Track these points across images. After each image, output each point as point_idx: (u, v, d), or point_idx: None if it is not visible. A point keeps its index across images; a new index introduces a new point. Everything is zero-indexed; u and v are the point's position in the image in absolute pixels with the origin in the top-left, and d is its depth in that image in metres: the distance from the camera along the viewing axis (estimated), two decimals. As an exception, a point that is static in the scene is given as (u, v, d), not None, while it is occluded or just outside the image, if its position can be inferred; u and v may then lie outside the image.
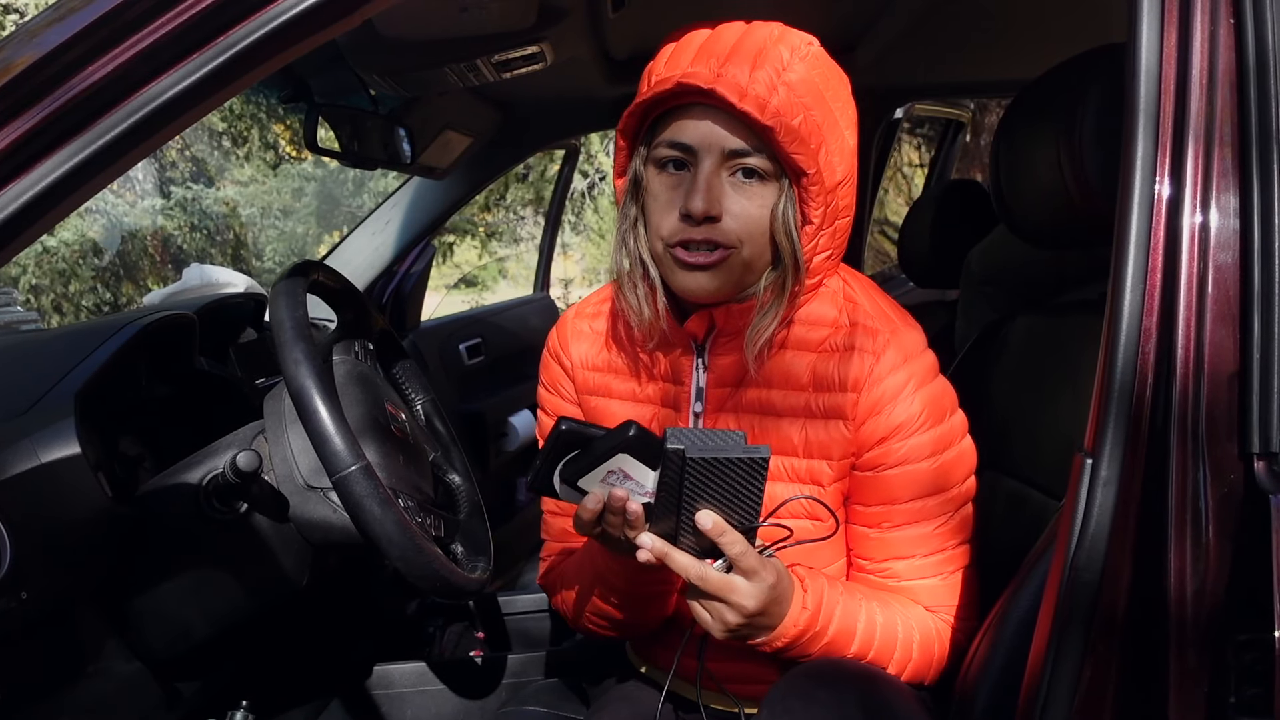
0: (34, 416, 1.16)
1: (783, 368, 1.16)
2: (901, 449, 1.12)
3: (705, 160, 1.07)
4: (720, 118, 1.05)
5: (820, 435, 1.14)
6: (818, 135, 1.06)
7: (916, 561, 1.15)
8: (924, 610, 1.17)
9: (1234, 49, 0.84)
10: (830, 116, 1.08)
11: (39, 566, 1.04)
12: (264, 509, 1.22)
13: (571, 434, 1.00)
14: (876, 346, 1.13)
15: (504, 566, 2.39)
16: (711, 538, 0.98)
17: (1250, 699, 0.79)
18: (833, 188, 1.09)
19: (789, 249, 1.09)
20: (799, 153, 1.04)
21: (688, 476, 0.96)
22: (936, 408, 1.14)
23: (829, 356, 1.14)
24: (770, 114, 1.02)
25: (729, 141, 1.06)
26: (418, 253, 2.61)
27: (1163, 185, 0.84)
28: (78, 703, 1.17)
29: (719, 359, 1.18)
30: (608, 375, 1.27)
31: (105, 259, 11.10)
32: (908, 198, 5.56)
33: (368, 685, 1.66)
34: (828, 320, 1.17)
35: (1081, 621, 0.85)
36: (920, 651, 1.14)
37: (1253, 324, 0.81)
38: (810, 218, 1.08)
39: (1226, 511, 0.80)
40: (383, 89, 1.86)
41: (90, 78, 0.82)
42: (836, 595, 1.11)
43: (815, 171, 1.06)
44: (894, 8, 1.88)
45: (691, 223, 1.07)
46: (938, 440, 1.13)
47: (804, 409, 1.15)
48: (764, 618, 1.04)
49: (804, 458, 1.15)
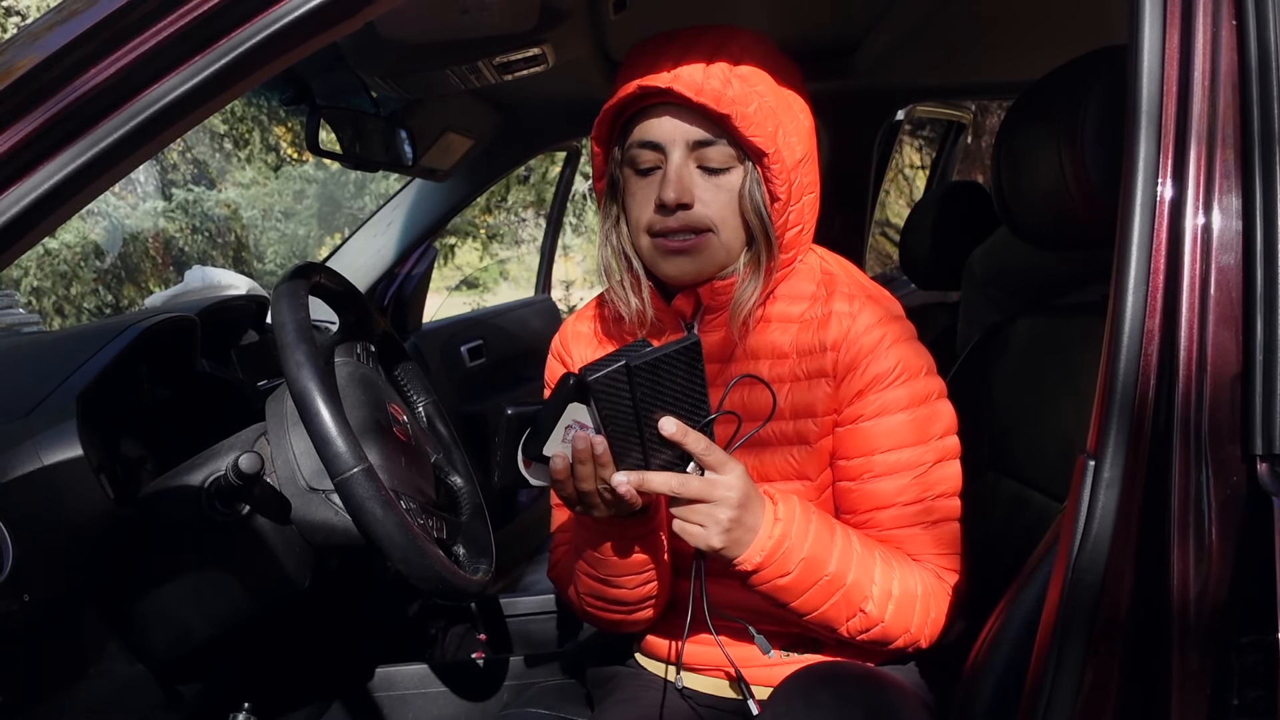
0: (36, 419, 1.16)
1: (768, 341, 1.23)
2: (877, 401, 1.18)
3: (674, 153, 1.16)
4: (682, 113, 1.15)
5: (804, 396, 1.20)
6: (773, 119, 1.15)
7: (896, 511, 1.19)
8: (914, 561, 1.20)
9: (1236, 50, 0.84)
10: (783, 100, 1.17)
11: (41, 568, 1.04)
12: (266, 511, 1.22)
13: (518, 417, 1.06)
14: (853, 309, 1.20)
15: (506, 568, 2.39)
16: (676, 440, 1.04)
17: (1252, 701, 0.79)
18: (794, 165, 1.17)
19: (760, 226, 1.17)
20: (757, 135, 1.12)
21: (637, 389, 1.01)
22: (911, 364, 1.20)
23: (809, 326, 1.21)
24: (726, 103, 1.11)
25: (692, 133, 1.15)
26: (419, 255, 2.62)
27: (1165, 186, 0.84)
28: (79, 704, 1.17)
29: (707, 336, 1.25)
30: None
31: (107, 261, 11.11)
32: (909, 200, 5.56)
33: (369, 687, 1.66)
34: (806, 294, 1.24)
35: (1084, 623, 0.85)
36: (901, 590, 1.16)
37: (1255, 325, 0.81)
38: (777, 194, 1.16)
39: (1229, 513, 0.80)
40: (384, 91, 1.86)
41: (92, 80, 0.83)
42: (808, 512, 1.14)
43: (775, 151, 1.14)
44: (895, 10, 1.88)
45: (667, 213, 1.16)
46: (913, 395, 1.19)
47: (789, 375, 1.21)
48: (748, 514, 1.08)
49: (790, 419, 1.21)
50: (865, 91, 2.40)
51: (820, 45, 1.19)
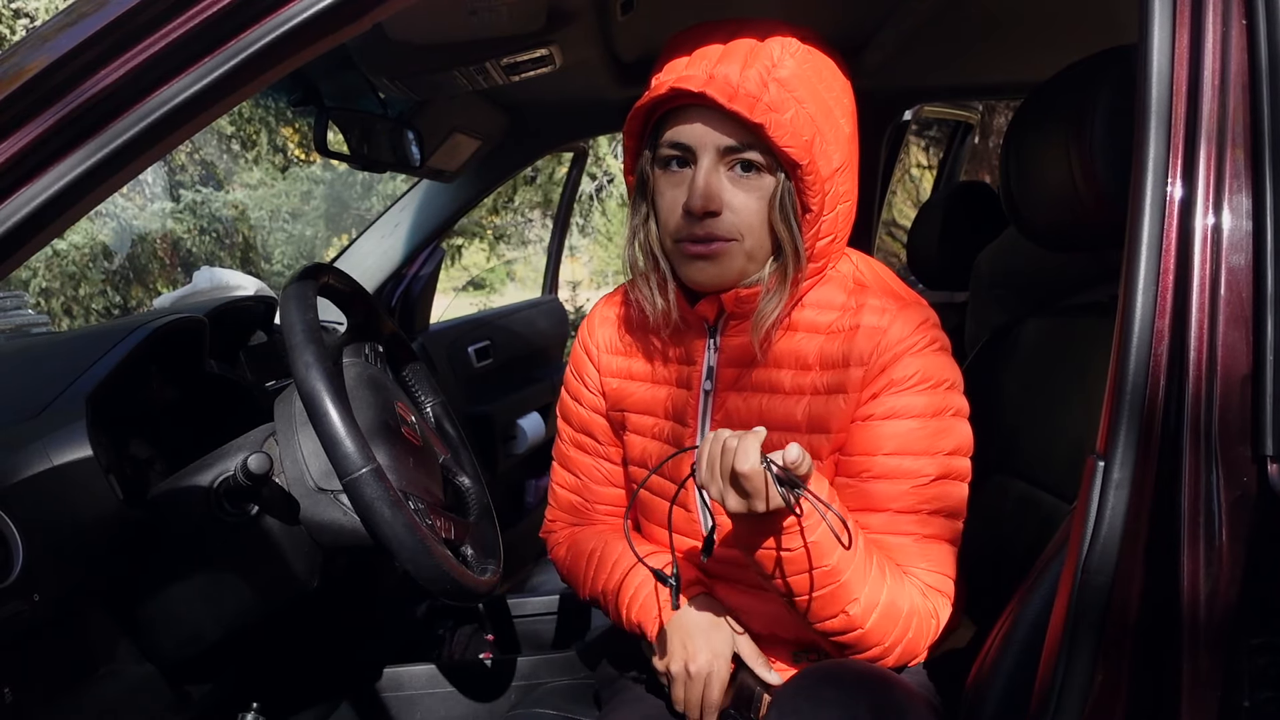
0: (45, 419, 1.17)
1: (791, 349, 1.20)
2: (891, 403, 1.15)
3: (703, 158, 1.13)
4: (714, 118, 1.11)
5: (820, 410, 1.18)
6: (810, 127, 1.10)
7: (888, 517, 1.16)
8: (904, 574, 1.15)
9: (1246, 50, 0.84)
10: (824, 106, 1.13)
11: (50, 568, 1.05)
12: (275, 511, 1.23)
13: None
14: (883, 323, 1.17)
15: (513, 569, 2.40)
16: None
17: (1263, 702, 0.78)
18: (829, 175, 1.13)
19: (789, 238, 1.14)
20: (791, 145, 1.09)
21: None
22: (933, 374, 1.16)
23: (836, 337, 1.18)
24: (760, 111, 1.07)
25: (723, 140, 1.11)
26: (427, 255, 2.62)
27: (1175, 187, 0.84)
28: (89, 704, 1.18)
29: (730, 340, 1.23)
30: (628, 359, 1.34)
31: (115, 262, 11.12)
32: (915, 200, 5.54)
33: (377, 687, 1.66)
34: (836, 304, 1.20)
35: (1093, 624, 0.84)
36: (888, 601, 1.12)
37: (1266, 326, 0.80)
38: (809, 205, 1.13)
39: (1239, 514, 0.80)
40: (392, 92, 1.87)
41: (101, 82, 0.83)
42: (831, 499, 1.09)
43: (809, 162, 1.10)
44: (902, 10, 1.88)
45: (693, 219, 1.13)
46: (928, 405, 1.15)
47: (809, 387, 1.19)
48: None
49: (805, 433, 1.18)
50: (872, 92, 2.39)
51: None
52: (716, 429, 1.08)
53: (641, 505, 1.34)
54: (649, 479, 1.27)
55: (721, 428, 1.09)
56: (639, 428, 1.32)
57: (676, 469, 1.25)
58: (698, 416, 1.25)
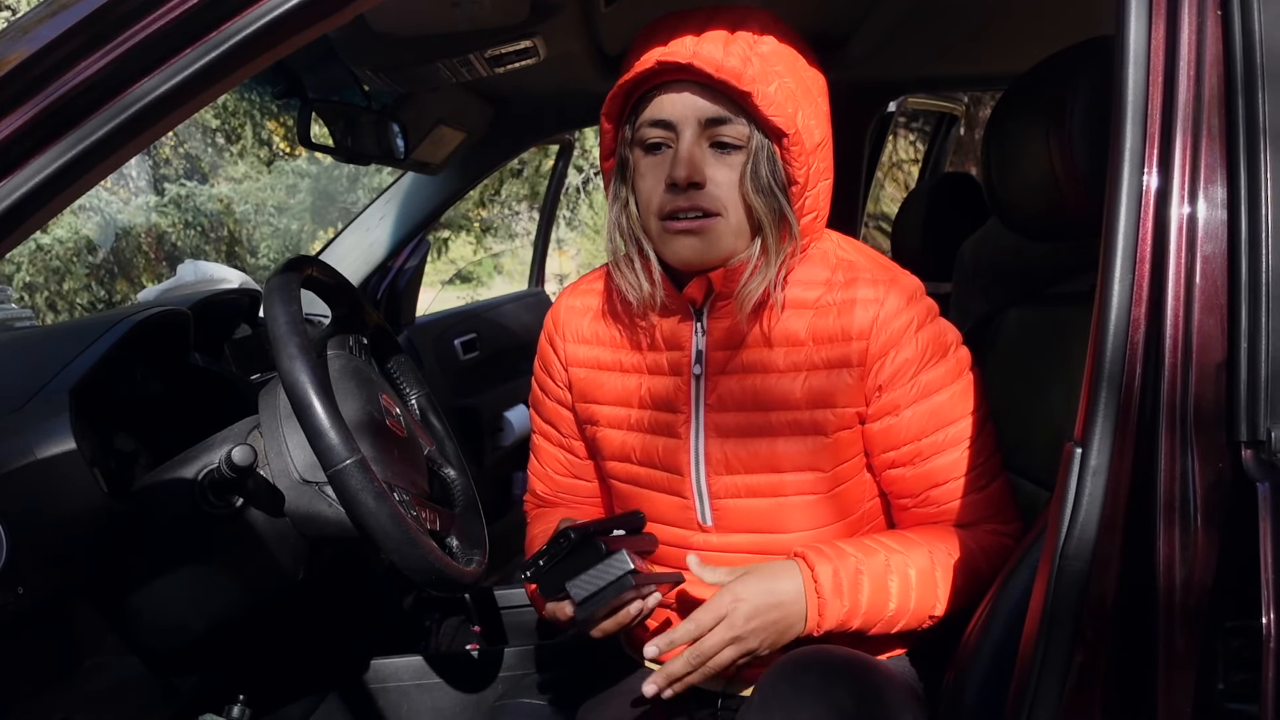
0: (29, 412, 1.16)
1: (782, 327, 1.21)
2: (914, 388, 1.18)
3: (685, 132, 1.14)
4: (698, 89, 1.13)
5: (823, 384, 1.19)
6: (794, 100, 1.13)
7: (952, 485, 1.20)
8: (961, 532, 1.20)
9: (1221, 41, 0.84)
10: (803, 83, 1.16)
11: (35, 562, 1.05)
12: (260, 504, 1.23)
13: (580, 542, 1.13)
14: (879, 294, 1.18)
15: (500, 560, 2.40)
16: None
17: (1237, 684, 0.79)
18: (813, 149, 1.15)
19: (774, 209, 1.15)
20: (777, 115, 1.11)
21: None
22: (940, 343, 1.20)
23: (826, 311, 1.19)
24: (747, 81, 1.09)
25: (707, 110, 1.13)
26: (412, 248, 2.61)
27: (1151, 177, 0.85)
28: (74, 698, 1.18)
29: (717, 322, 1.23)
30: (596, 348, 1.32)
31: (99, 256, 11.06)
32: (902, 191, 5.56)
33: (364, 679, 1.66)
34: (820, 280, 1.22)
35: (1071, 609, 0.85)
36: (963, 574, 1.17)
37: (1240, 313, 0.81)
38: (795, 178, 1.15)
39: (1215, 499, 0.81)
40: (376, 84, 1.86)
41: (82, 74, 0.83)
42: (841, 555, 1.15)
43: (795, 132, 1.12)
44: (885, 3, 1.88)
45: (677, 191, 1.14)
46: (947, 373, 1.20)
47: (805, 363, 1.20)
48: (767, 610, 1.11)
49: (807, 409, 1.19)
50: (857, 83, 2.40)
51: (812, 36, 1.19)
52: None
53: (635, 497, 1.33)
54: (639, 475, 1.29)
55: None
56: (613, 421, 1.31)
57: (670, 458, 1.26)
58: (690, 402, 1.24)
